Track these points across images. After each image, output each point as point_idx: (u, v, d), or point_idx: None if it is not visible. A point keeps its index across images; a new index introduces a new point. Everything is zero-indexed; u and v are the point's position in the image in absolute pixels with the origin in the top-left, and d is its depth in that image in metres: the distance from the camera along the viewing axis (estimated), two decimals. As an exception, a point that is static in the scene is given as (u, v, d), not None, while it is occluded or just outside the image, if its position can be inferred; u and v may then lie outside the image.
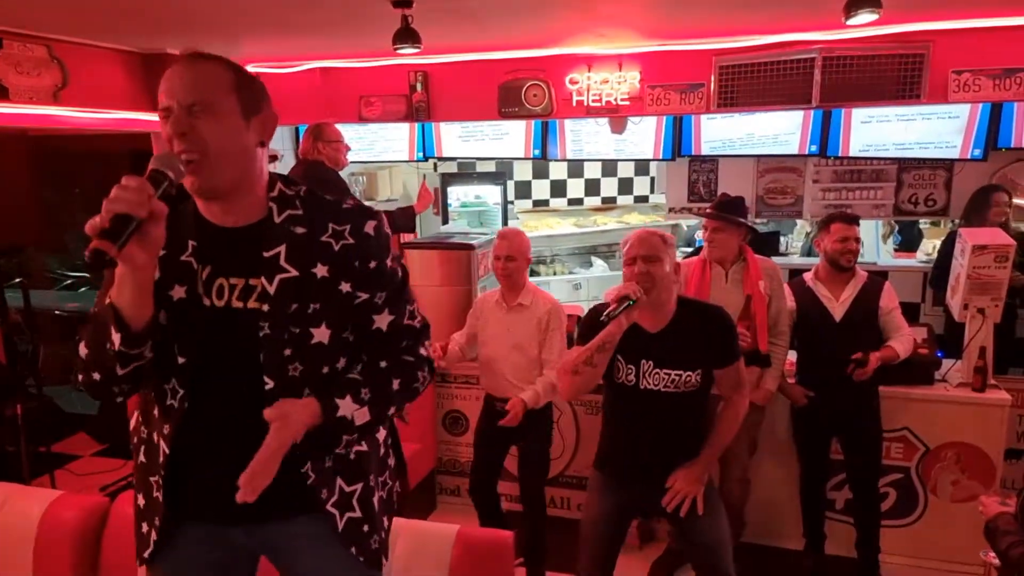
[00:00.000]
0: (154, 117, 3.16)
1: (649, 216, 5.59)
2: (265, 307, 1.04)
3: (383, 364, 1.14)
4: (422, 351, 1.18)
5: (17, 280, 3.43)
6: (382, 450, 1.25)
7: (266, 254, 1.05)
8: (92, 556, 1.60)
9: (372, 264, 1.10)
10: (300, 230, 1.07)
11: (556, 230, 5.57)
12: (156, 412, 1.11)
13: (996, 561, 1.72)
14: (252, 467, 1.00)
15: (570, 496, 3.15)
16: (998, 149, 3.65)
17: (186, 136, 0.98)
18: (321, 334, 1.08)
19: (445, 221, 5.17)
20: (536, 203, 5.85)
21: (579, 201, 5.86)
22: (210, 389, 1.07)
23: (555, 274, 5.51)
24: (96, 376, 1.03)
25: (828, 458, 2.64)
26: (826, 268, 2.54)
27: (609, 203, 5.85)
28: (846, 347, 2.45)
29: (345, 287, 1.09)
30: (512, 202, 5.57)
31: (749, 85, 3.02)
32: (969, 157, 3.69)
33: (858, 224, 2.54)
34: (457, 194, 5.23)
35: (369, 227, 1.11)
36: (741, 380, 1.92)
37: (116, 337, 0.98)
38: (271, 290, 1.04)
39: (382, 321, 1.14)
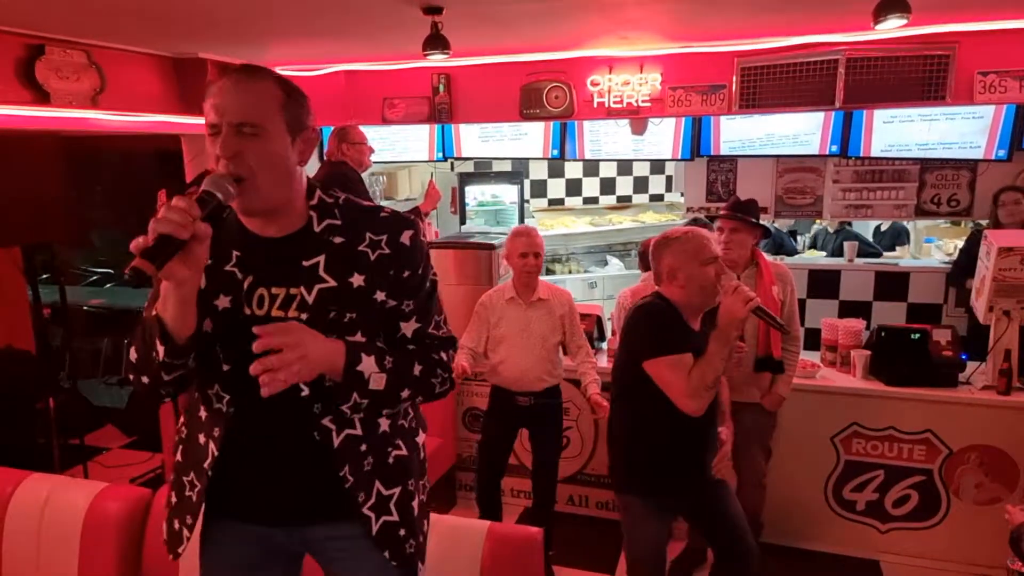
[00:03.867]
0: (184, 119, 3.25)
1: (665, 215, 5.57)
2: (304, 316, 1.06)
3: (410, 347, 1.15)
4: (443, 356, 1.19)
5: (45, 276, 3.52)
6: (422, 454, 1.27)
7: (305, 263, 1.08)
8: (136, 546, 1.65)
9: (406, 273, 1.12)
10: (338, 240, 1.09)
11: (571, 229, 5.57)
12: (203, 415, 1.15)
13: (1023, 569, 1.72)
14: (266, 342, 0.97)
15: (587, 494, 3.17)
16: (1023, 150, 3.62)
17: (233, 159, 1.00)
18: None
19: (463, 220, 5.21)
20: (552, 202, 5.86)
21: (594, 200, 5.87)
22: (254, 396, 1.08)
23: (570, 272, 5.52)
24: (144, 380, 1.07)
25: None
26: None
27: (624, 202, 5.85)
28: None
29: (380, 296, 1.11)
30: (528, 201, 5.59)
31: (771, 86, 3.02)
32: (994, 158, 3.66)
33: None
34: (474, 193, 5.25)
35: (406, 237, 1.12)
36: None
37: (160, 349, 1.01)
38: (310, 300, 1.07)
39: (408, 328, 1.15)
